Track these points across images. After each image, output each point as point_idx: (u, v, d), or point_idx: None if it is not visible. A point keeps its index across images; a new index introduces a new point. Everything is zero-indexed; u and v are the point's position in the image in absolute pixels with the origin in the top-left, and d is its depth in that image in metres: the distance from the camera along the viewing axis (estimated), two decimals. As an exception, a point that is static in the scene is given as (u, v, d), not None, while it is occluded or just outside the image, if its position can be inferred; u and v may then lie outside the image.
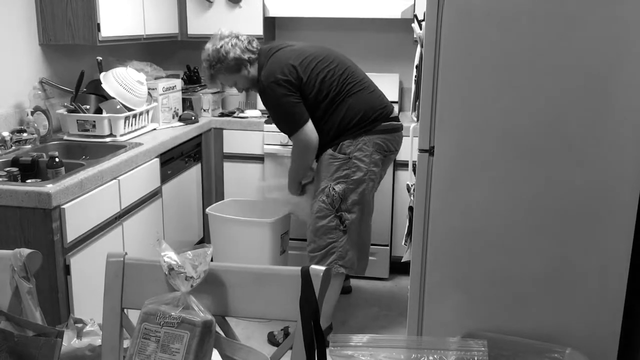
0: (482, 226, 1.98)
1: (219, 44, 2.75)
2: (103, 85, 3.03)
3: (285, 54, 2.71)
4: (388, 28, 3.92)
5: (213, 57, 2.76)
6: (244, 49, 2.74)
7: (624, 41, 1.79)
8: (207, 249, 1.19)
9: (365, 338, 1.38)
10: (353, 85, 2.70)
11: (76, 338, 1.72)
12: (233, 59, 2.72)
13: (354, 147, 2.67)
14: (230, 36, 2.77)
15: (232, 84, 2.88)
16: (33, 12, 2.92)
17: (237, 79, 2.81)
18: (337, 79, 2.67)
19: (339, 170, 2.68)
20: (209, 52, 2.79)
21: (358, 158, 2.67)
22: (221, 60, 2.74)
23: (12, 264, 1.31)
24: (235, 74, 2.78)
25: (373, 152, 2.68)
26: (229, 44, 2.74)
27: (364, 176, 2.68)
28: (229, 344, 1.24)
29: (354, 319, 3.20)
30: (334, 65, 2.71)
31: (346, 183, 2.68)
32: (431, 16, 1.89)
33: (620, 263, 1.93)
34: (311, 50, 2.75)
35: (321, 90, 2.66)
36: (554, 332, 1.99)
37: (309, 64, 2.68)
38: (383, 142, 2.72)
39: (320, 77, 2.66)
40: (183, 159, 3.36)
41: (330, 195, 2.68)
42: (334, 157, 2.69)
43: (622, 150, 1.86)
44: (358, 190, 2.69)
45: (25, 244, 2.12)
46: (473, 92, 1.91)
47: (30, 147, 2.75)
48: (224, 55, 2.73)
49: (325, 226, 2.71)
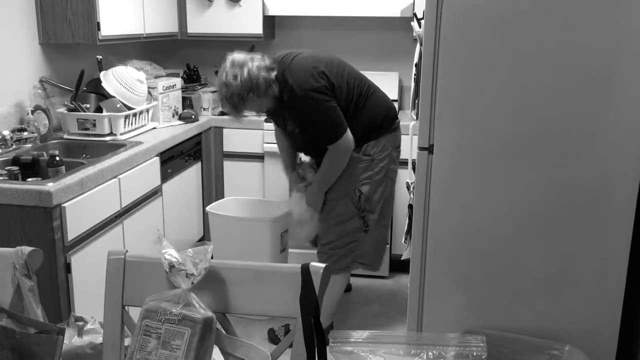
0: (482, 224, 1.99)
1: (244, 71, 2.47)
2: (103, 84, 3.03)
3: (304, 61, 2.56)
4: (387, 26, 3.93)
5: (244, 87, 2.47)
6: (267, 68, 2.52)
7: (623, 41, 1.80)
8: (208, 247, 1.19)
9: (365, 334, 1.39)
10: (367, 88, 2.69)
11: (77, 336, 1.73)
12: (263, 82, 2.49)
13: (377, 148, 2.68)
14: (248, 60, 2.52)
15: (259, 109, 2.65)
16: (33, 11, 2.93)
17: (265, 101, 2.57)
18: (355, 82, 2.63)
19: (364, 171, 2.68)
20: (236, 84, 2.48)
21: (380, 158, 2.69)
22: (253, 89, 2.48)
23: (14, 262, 1.32)
24: (265, 97, 2.54)
25: (392, 150, 2.71)
26: (254, 68, 2.48)
27: (385, 175, 2.71)
28: (230, 341, 1.25)
29: (354, 317, 3.21)
30: (347, 68, 2.64)
31: (370, 184, 2.69)
32: (430, 14, 1.90)
33: (619, 261, 1.93)
34: (322, 55, 2.65)
35: (348, 95, 2.58)
36: (553, 330, 2.00)
37: (331, 69, 2.57)
38: (396, 138, 2.78)
39: (344, 81, 2.57)
40: (183, 157, 3.37)
41: (357, 197, 2.69)
42: (358, 159, 2.68)
43: (621, 148, 1.86)
44: (379, 189, 2.71)
45: (26, 242, 2.13)
46: (472, 90, 1.92)
47: (30, 146, 2.76)
48: (255, 81, 2.47)
49: (350, 227, 2.72)
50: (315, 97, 2.49)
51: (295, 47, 4.06)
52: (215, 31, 3.82)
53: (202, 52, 4.17)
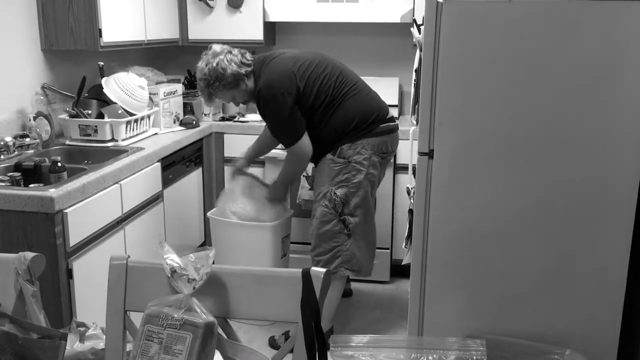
0: (482, 228, 2.00)
1: (214, 61, 2.69)
2: (105, 90, 3.05)
3: (280, 62, 2.70)
4: (387, 32, 3.94)
5: (210, 75, 2.69)
6: (240, 63, 2.70)
7: (621, 43, 1.81)
8: (209, 252, 1.20)
9: (366, 338, 1.40)
10: (349, 89, 2.71)
11: (79, 342, 1.73)
12: (231, 74, 2.68)
13: (353, 151, 2.68)
14: (223, 52, 2.72)
15: (230, 99, 2.83)
16: (35, 18, 2.94)
17: (236, 93, 2.77)
18: (332, 84, 2.68)
19: (339, 174, 2.70)
20: (204, 71, 2.72)
21: (357, 161, 2.68)
22: (219, 78, 2.68)
23: (17, 267, 1.33)
24: (234, 89, 2.74)
25: (372, 154, 2.70)
26: (225, 60, 2.68)
27: (364, 179, 2.69)
28: (231, 346, 1.25)
29: (354, 322, 3.21)
30: (328, 70, 2.71)
31: (347, 187, 2.69)
32: (430, 21, 1.91)
33: (619, 265, 1.94)
34: (305, 56, 2.75)
35: (318, 96, 2.66)
36: (553, 334, 2.00)
37: (305, 71, 2.68)
38: (381, 143, 2.73)
39: (317, 83, 2.66)
40: (184, 163, 3.38)
41: (332, 200, 2.69)
42: (333, 161, 2.70)
43: (619, 152, 1.87)
44: (359, 193, 2.70)
45: (28, 248, 2.13)
46: (472, 95, 1.93)
47: (32, 152, 2.77)
48: (222, 72, 2.67)
49: (330, 230, 2.73)
50: (274, 99, 2.62)
51: (295, 52, 4.09)
52: (216, 37, 3.83)
53: (203, 58, 4.19)
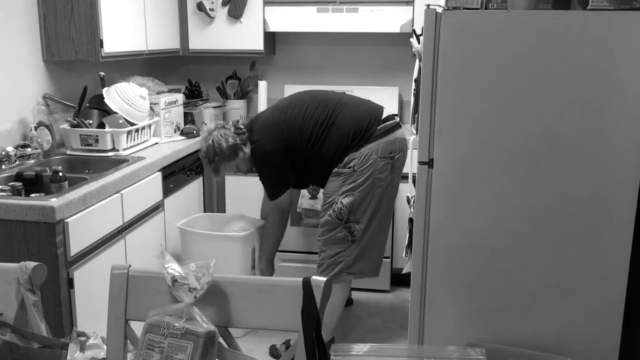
0: (482, 237, 2.00)
1: (210, 138, 2.88)
2: (106, 100, 3.06)
3: (262, 123, 2.87)
4: (387, 42, 3.96)
5: (209, 152, 2.88)
6: (234, 135, 2.86)
7: (618, 52, 1.82)
8: (210, 261, 1.21)
9: (367, 347, 1.40)
10: (333, 110, 2.80)
11: (79, 351, 1.73)
12: (227, 147, 2.84)
13: (358, 159, 2.71)
14: (217, 128, 2.91)
15: (234, 169, 2.97)
16: (37, 29, 2.96)
17: (238, 162, 2.91)
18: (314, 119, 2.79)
19: (344, 184, 2.72)
20: (204, 149, 2.91)
21: (362, 169, 2.71)
22: (217, 153, 2.86)
23: (18, 277, 1.33)
24: (234, 159, 2.89)
25: (377, 159, 2.72)
26: (219, 135, 2.86)
27: (371, 185, 2.72)
28: (232, 355, 1.26)
29: (355, 331, 3.21)
30: (306, 104, 2.84)
31: (353, 195, 2.72)
32: (429, 31, 1.92)
33: (619, 274, 1.94)
34: (284, 102, 2.92)
35: (305, 129, 2.78)
36: (554, 343, 2.00)
37: (286, 116, 2.82)
38: (385, 145, 2.75)
39: (300, 119, 2.79)
40: (185, 172, 3.38)
41: (338, 210, 2.72)
42: (339, 173, 2.74)
43: (618, 163, 1.88)
44: (365, 199, 2.73)
45: (29, 257, 2.14)
46: (471, 105, 1.94)
47: (33, 161, 2.77)
48: (218, 147, 2.85)
49: (334, 237, 2.76)
50: (265, 158, 2.84)
51: (296, 62, 4.11)
52: (216, 47, 3.86)
53: (204, 68, 4.21)
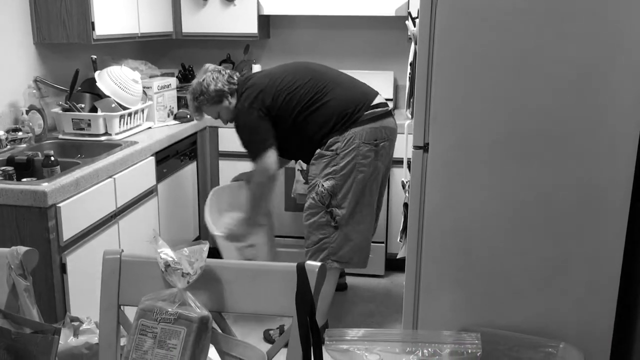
0: (477, 222, 2.00)
1: (202, 77, 2.91)
2: (98, 84, 3.03)
3: (254, 83, 2.87)
4: (382, 25, 3.93)
5: (196, 89, 2.91)
6: (225, 82, 2.89)
7: (619, 40, 1.81)
8: (204, 246, 1.19)
9: (361, 332, 1.40)
10: (323, 88, 2.78)
11: (73, 336, 1.72)
12: (214, 90, 2.86)
13: (341, 143, 2.71)
14: (213, 70, 2.93)
15: (215, 115, 2.98)
16: (27, 11, 2.92)
17: (220, 110, 2.93)
18: (302, 96, 2.77)
19: (327, 166, 2.72)
20: (192, 85, 2.95)
21: (345, 152, 2.70)
22: (203, 93, 2.88)
23: (9, 262, 1.32)
24: (217, 105, 2.90)
25: (360, 143, 2.71)
26: (211, 77, 2.89)
27: (352, 169, 2.71)
28: (226, 340, 1.25)
29: (349, 316, 3.22)
30: (299, 76, 2.83)
31: (334, 179, 2.71)
32: (425, 13, 1.90)
33: (613, 259, 1.94)
34: (278, 70, 2.91)
35: (290, 102, 2.77)
36: (548, 327, 2.01)
37: (276, 85, 2.81)
38: (370, 131, 2.73)
39: (285, 92, 2.78)
40: (178, 157, 3.36)
41: (320, 192, 2.72)
42: (322, 155, 2.74)
43: (615, 147, 1.87)
44: (346, 184, 2.71)
45: (21, 242, 2.12)
46: (467, 89, 1.92)
47: (25, 146, 2.75)
48: (206, 87, 2.87)
49: (317, 222, 2.76)
50: (244, 113, 2.82)
51: (290, 46, 4.08)
52: (210, 31, 3.82)
53: (197, 52, 4.17)
